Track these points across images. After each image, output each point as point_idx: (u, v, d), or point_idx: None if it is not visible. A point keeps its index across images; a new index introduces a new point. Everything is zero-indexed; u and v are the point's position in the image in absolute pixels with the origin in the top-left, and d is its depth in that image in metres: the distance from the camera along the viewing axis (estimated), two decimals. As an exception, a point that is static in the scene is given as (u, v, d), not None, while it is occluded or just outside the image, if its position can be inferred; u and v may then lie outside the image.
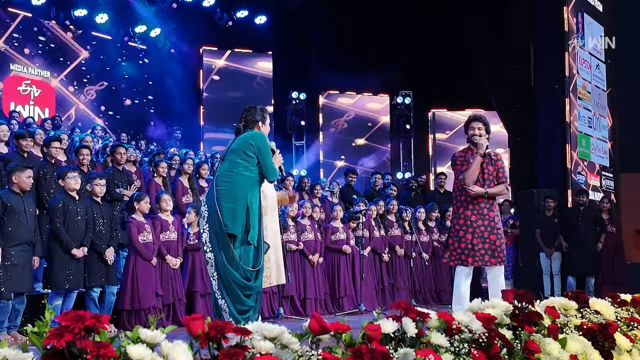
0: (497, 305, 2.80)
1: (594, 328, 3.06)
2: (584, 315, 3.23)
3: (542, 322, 2.87)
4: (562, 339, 2.88)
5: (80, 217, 7.96)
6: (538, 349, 2.65)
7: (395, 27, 17.69)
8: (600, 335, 3.04)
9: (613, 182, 16.69)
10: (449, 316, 2.51)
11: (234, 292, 5.81)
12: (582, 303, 3.34)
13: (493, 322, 2.63)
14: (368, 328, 2.25)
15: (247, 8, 18.53)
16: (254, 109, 6.37)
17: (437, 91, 18.04)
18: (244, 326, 2.04)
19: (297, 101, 18.47)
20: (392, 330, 2.30)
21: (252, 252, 5.97)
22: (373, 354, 2.01)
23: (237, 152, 6.05)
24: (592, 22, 16.38)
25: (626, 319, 3.42)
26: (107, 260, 8.31)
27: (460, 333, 2.49)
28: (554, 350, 2.74)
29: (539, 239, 13.51)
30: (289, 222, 10.48)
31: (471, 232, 7.10)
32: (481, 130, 7.30)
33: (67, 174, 7.99)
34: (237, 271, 5.83)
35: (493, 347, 2.48)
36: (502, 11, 16.18)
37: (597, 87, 16.37)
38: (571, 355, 2.81)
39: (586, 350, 2.92)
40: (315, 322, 2.18)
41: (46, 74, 17.28)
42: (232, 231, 5.85)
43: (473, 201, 7.15)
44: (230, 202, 5.89)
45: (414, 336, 2.34)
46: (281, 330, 2.10)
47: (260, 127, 6.29)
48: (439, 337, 2.44)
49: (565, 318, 3.15)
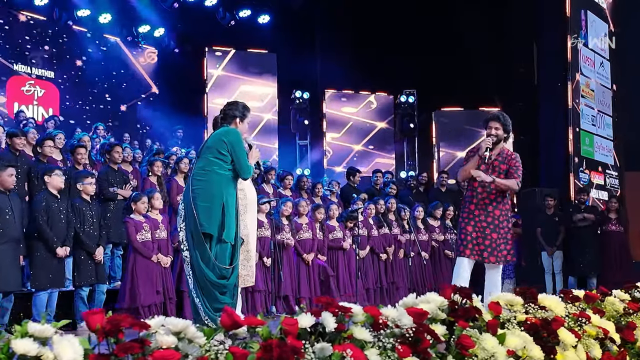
0: (432, 300, 2.78)
1: (537, 323, 3.03)
2: (528, 311, 3.20)
3: (482, 317, 2.85)
4: (501, 334, 2.85)
5: (63, 216, 7.97)
6: (471, 344, 2.62)
7: (399, 25, 17.64)
8: (544, 331, 3.01)
9: (618, 181, 16.60)
10: (375, 311, 2.49)
11: (209, 291, 5.79)
12: (530, 299, 3.31)
13: (425, 317, 2.61)
14: (285, 323, 2.23)
15: (249, 8, 18.52)
16: (236, 104, 6.31)
17: (441, 90, 17.95)
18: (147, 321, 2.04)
19: (300, 100, 18.44)
20: (309, 325, 2.28)
21: (229, 250, 5.95)
22: (283, 348, 1.99)
23: (211, 150, 5.99)
24: (595, 20, 16.30)
25: (574, 315, 3.39)
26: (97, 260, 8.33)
27: (387, 328, 2.47)
28: (491, 345, 2.71)
29: (540, 237, 13.48)
30: (283, 222, 10.46)
31: (472, 225, 7.09)
32: (498, 130, 7.22)
33: (52, 172, 8.00)
34: (213, 271, 5.81)
35: (423, 342, 2.46)
36: (505, 9, 16.14)
37: (601, 85, 16.30)
38: (508, 351, 2.79)
39: (527, 345, 2.90)
40: (227, 316, 2.17)
41: (50, 74, 17.34)
42: (208, 230, 5.83)
43: (479, 196, 7.11)
44: (206, 201, 5.86)
45: (333, 331, 2.33)
46: (186, 324, 2.09)
47: (237, 124, 6.20)
48: (363, 332, 2.42)
49: (511, 314, 3.12)
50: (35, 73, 17.04)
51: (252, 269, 6.69)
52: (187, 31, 18.61)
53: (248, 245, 6.64)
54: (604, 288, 5.89)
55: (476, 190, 7.15)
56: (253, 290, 9.70)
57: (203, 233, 5.82)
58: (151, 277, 8.70)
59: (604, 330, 3.43)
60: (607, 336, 3.42)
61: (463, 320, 2.72)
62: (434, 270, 12.78)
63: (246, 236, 6.59)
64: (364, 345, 2.38)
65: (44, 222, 7.82)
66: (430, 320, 2.71)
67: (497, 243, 7.15)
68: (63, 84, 17.54)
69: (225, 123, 6.20)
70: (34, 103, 16.92)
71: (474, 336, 2.71)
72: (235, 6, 18.37)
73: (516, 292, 3.36)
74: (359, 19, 18.09)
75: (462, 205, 7.32)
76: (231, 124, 6.20)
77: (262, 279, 9.83)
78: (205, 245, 5.80)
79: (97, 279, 8.34)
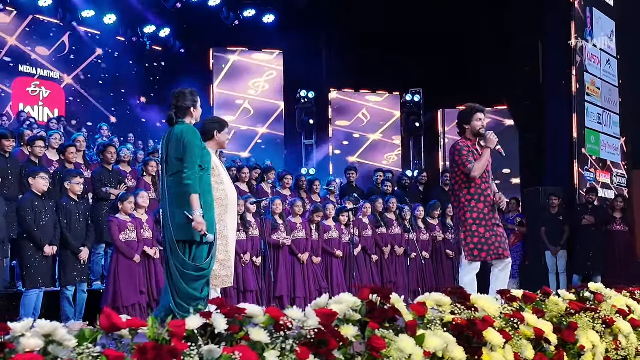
0: (344, 301, 2.72)
1: (462, 324, 2.97)
2: (454, 312, 3.13)
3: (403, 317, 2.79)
4: (420, 335, 2.79)
5: (49, 216, 7.99)
6: (382, 345, 2.57)
7: (404, 24, 17.55)
8: (469, 331, 2.94)
9: (625, 179, 16.42)
10: (276, 312, 2.44)
11: (183, 288, 5.74)
12: (461, 299, 3.24)
13: (333, 318, 2.55)
14: (171, 324, 2.19)
15: (254, 7, 18.51)
16: (183, 94, 6.10)
17: (447, 89, 17.85)
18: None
19: (305, 100, 18.42)
20: (197, 327, 2.24)
21: (206, 249, 5.89)
22: (158, 351, 1.95)
23: (175, 153, 5.85)
24: (601, 17, 16.13)
25: (506, 315, 3.32)
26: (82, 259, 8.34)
27: (289, 330, 2.42)
28: (408, 346, 2.65)
29: (544, 237, 13.36)
30: (278, 221, 10.43)
31: (484, 225, 6.93)
32: (484, 122, 7.13)
33: (37, 174, 8.02)
34: (186, 277, 5.74)
35: (329, 343, 2.41)
36: (511, 7, 16.00)
37: (607, 82, 16.12)
38: (426, 352, 2.73)
39: (449, 346, 2.83)
40: (105, 318, 2.13)
41: (55, 75, 17.42)
42: (187, 237, 5.75)
43: (484, 193, 6.99)
44: (182, 207, 5.79)
45: (223, 332, 2.28)
46: (54, 327, 2.05)
47: (192, 113, 6.07)
48: (260, 334, 2.37)
49: (439, 314, 3.06)
50: (40, 74, 17.13)
51: (231, 270, 6.63)
52: (193, 31, 18.64)
53: (227, 246, 6.57)
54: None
55: (480, 188, 6.99)
56: (245, 290, 9.69)
57: (179, 241, 5.75)
58: (134, 277, 8.67)
59: (538, 330, 3.35)
60: (542, 337, 3.35)
61: (378, 321, 2.66)
62: (435, 270, 12.70)
63: (226, 237, 6.53)
64: (264, 347, 2.33)
65: (31, 222, 7.84)
66: (343, 321, 2.66)
67: (504, 237, 7.07)
68: (68, 84, 17.61)
69: (180, 117, 6.06)
70: (40, 104, 17.03)
71: (388, 337, 2.65)
72: (239, 6, 18.36)
73: (446, 292, 3.30)
74: (365, 17, 18.00)
75: (465, 202, 7.00)
76: (186, 117, 6.04)
77: (254, 279, 9.81)
78: (179, 251, 5.73)
79: (82, 278, 8.35)
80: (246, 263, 9.82)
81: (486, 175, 7.08)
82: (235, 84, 19.17)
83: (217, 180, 6.45)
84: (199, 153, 5.87)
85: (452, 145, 7.30)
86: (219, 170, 6.54)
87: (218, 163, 6.62)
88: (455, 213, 7.24)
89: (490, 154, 7.09)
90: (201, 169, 5.89)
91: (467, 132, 7.17)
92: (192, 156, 5.80)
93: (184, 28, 18.70)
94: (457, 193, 7.09)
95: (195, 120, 6.12)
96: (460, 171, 7.02)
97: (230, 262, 6.60)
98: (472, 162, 6.94)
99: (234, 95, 19.18)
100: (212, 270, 6.38)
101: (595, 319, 3.81)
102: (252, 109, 19.21)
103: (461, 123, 7.22)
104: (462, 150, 7.01)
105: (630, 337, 3.89)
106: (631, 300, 4.50)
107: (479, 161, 6.95)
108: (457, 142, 7.23)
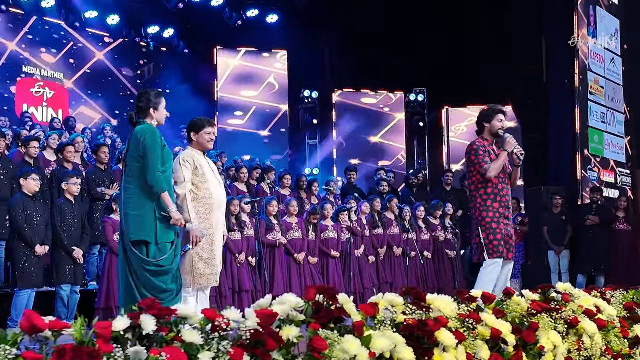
0: (287, 302, 2.70)
1: (413, 324, 2.94)
2: (405, 312, 3.10)
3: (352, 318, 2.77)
4: (366, 336, 2.77)
5: (40, 217, 8.01)
6: (324, 346, 2.55)
7: (407, 23, 17.52)
8: (419, 332, 2.91)
9: (630, 179, 16.31)
10: (212, 313, 2.42)
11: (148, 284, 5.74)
12: (416, 299, 3.21)
13: (273, 319, 2.53)
14: (97, 326, 2.18)
15: (257, 7, 18.50)
16: (146, 94, 6.13)
17: (451, 88, 17.79)
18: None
19: (309, 100, 18.42)
20: (123, 328, 2.22)
21: (166, 248, 5.87)
22: (77, 352, 1.94)
23: (135, 155, 5.88)
24: (605, 15, 16.04)
25: (461, 316, 3.29)
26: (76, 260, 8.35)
27: (224, 331, 2.40)
28: (352, 347, 2.63)
29: (546, 236, 13.30)
30: (273, 221, 10.42)
31: (501, 223, 6.93)
32: (505, 124, 7.11)
33: (28, 176, 8.03)
34: (148, 272, 5.74)
35: (266, 344, 2.39)
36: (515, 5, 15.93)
37: (611, 81, 16.03)
38: (371, 353, 2.70)
39: (397, 347, 2.80)
40: (25, 319, 2.12)
41: (59, 76, 17.48)
42: (139, 238, 5.76)
43: (501, 193, 6.98)
44: (136, 210, 5.79)
45: (151, 334, 2.26)
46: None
47: (152, 114, 6.06)
48: (193, 335, 2.35)
49: (390, 314, 3.03)
50: (44, 75, 17.18)
51: (216, 268, 6.64)
52: (197, 32, 18.65)
53: (213, 245, 6.60)
54: (610, 286, 5.80)
55: (497, 188, 6.97)
56: (240, 291, 9.69)
57: (134, 241, 5.76)
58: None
59: (495, 331, 3.32)
60: (499, 337, 3.32)
61: (323, 321, 2.64)
62: (437, 270, 12.65)
63: (211, 235, 6.56)
64: (199, 348, 2.32)
65: (22, 222, 7.86)
66: (287, 322, 2.64)
67: (513, 239, 7.09)
68: (72, 85, 17.66)
69: (141, 117, 6.06)
70: (44, 104, 17.07)
71: (331, 338, 2.63)
72: (242, 6, 18.35)
73: (401, 292, 3.27)
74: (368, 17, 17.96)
75: (482, 202, 6.98)
76: (147, 117, 6.04)
77: (249, 279, 9.81)
78: (135, 252, 5.72)
79: (75, 279, 8.36)
80: (241, 263, 9.82)
81: (503, 176, 7.06)
82: (240, 84, 19.15)
83: (201, 180, 6.54)
84: (159, 153, 5.86)
85: (468, 145, 7.27)
86: (203, 169, 6.60)
87: (203, 163, 6.68)
88: (472, 214, 7.21)
89: (508, 156, 7.08)
90: (162, 166, 5.90)
91: (486, 132, 7.16)
92: (152, 157, 5.81)
93: (187, 28, 18.72)
94: (474, 193, 7.10)
95: (157, 121, 6.11)
96: (477, 171, 7.02)
97: (215, 260, 6.62)
98: (488, 162, 6.94)
99: (238, 95, 19.16)
100: (197, 269, 6.42)
101: (557, 319, 3.78)
102: (257, 109, 19.19)
103: (481, 121, 7.21)
104: (478, 150, 7.01)
105: (595, 337, 3.85)
106: (601, 300, 4.45)
107: (495, 162, 6.93)
108: (473, 141, 7.22)
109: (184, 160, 6.54)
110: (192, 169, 6.51)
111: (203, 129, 6.62)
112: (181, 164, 6.50)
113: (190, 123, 6.70)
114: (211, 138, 6.72)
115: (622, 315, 4.42)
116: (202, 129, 6.62)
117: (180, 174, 6.43)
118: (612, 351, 3.95)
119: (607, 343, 4.01)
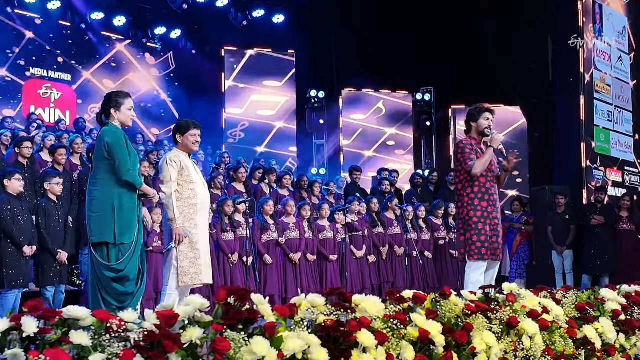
0: (191, 303, 2.69)
1: (329, 325, 2.92)
2: (324, 312, 3.07)
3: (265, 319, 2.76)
4: (277, 337, 2.76)
5: (26, 217, 8.05)
6: (226, 347, 2.53)
7: (414, 23, 17.48)
8: (336, 333, 2.89)
9: (639, 178, 16.14)
10: (104, 315, 2.41)
11: (108, 284, 5.78)
12: (341, 299, 3.19)
13: (174, 320, 2.53)
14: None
15: (263, 7, 18.52)
16: (109, 96, 6.22)
17: (458, 87, 17.71)
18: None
19: (315, 100, 18.41)
20: (2, 330, 2.21)
21: (126, 249, 5.89)
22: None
23: (97, 155, 5.99)
24: (613, 13, 15.90)
25: (386, 317, 3.26)
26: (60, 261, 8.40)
27: (116, 332, 2.39)
28: (261, 349, 2.61)
29: (550, 236, 13.21)
30: (268, 221, 10.43)
31: (489, 223, 6.92)
32: (491, 123, 7.15)
33: (12, 176, 8.07)
34: (105, 276, 5.78)
35: (165, 346, 2.38)
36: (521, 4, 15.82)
37: (618, 79, 15.87)
38: (280, 354, 2.68)
39: (311, 348, 2.78)
40: None
41: (67, 77, 17.56)
42: (100, 239, 5.82)
43: (489, 192, 6.97)
44: (97, 210, 5.87)
45: (32, 335, 2.26)
46: None
47: (113, 115, 6.11)
48: (81, 336, 2.35)
49: (314, 316, 3.02)
50: (51, 76, 17.27)
51: (201, 267, 6.69)
52: (204, 32, 18.67)
53: (197, 244, 6.66)
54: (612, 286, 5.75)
55: (485, 186, 6.98)
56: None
57: (94, 243, 5.83)
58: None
59: (423, 331, 3.29)
60: (427, 338, 3.29)
61: (232, 322, 2.62)
62: (439, 270, 12.60)
63: (196, 235, 6.65)
64: (90, 350, 2.31)
65: (10, 222, 7.90)
66: (193, 323, 2.63)
67: (501, 239, 7.05)
68: (79, 86, 17.75)
69: (106, 118, 6.14)
70: (51, 106, 17.17)
71: (236, 339, 2.62)
72: (247, 6, 18.38)
73: (324, 293, 3.25)
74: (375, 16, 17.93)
75: (468, 201, 6.97)
76: (110, 118, 6.11)
77: (242, 279, 9.83)
78: (95, 252, 5.80)
79: (60, 279, 8.40)
80: (234, 263, 9.85)
81: (491, 175, 7.07)
82: (248, 84, 19.15)
83: (187, 180, 6.70)
84: (125, 152, 5.91)
85: (455, 144, 7.29)
86: (189, 170, 6.75)
87: (189, 164, 6.83)
88: (460, 212, 7.19)
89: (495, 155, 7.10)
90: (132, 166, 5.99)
91: (473, 130, 7.19)
92: (120, 156, 5.90)
93: (194, 29, 18.75)
94: (461, 192, 7.08)
95: (120, 122, 6.14)
96: (463, 169, 7.02)
97: (200, 259, 6.71)
98: (474, 159, 6.94)
99: (245, 95, 19.16)
100: (182, 267, 6.50)
101: (492, 319, 3.75)
102: (264, 109, 19.18)
103: (469, 120, 7.26)
104: (465, 148, 7.01)
105: (535, 337, 3.81)
106: (549, 300, 4.40)
107: (481, 159, 6.94)
108: (460, 140, 7.28)
109: (170, 160, 6.71)
110: (178, 169, 6.66)
111: (188, 131, 6.80)
112: (168, 164, 6.68)
113: (176, 125, 6.96)
114: (196, 140, 6.87)
115: (572, 316, 4.37)
116: (188, 131, 6.80)
117: (167, 173, 6.63)
118: (553, 352, 3.90)
119: (551, 344, 3.97)
